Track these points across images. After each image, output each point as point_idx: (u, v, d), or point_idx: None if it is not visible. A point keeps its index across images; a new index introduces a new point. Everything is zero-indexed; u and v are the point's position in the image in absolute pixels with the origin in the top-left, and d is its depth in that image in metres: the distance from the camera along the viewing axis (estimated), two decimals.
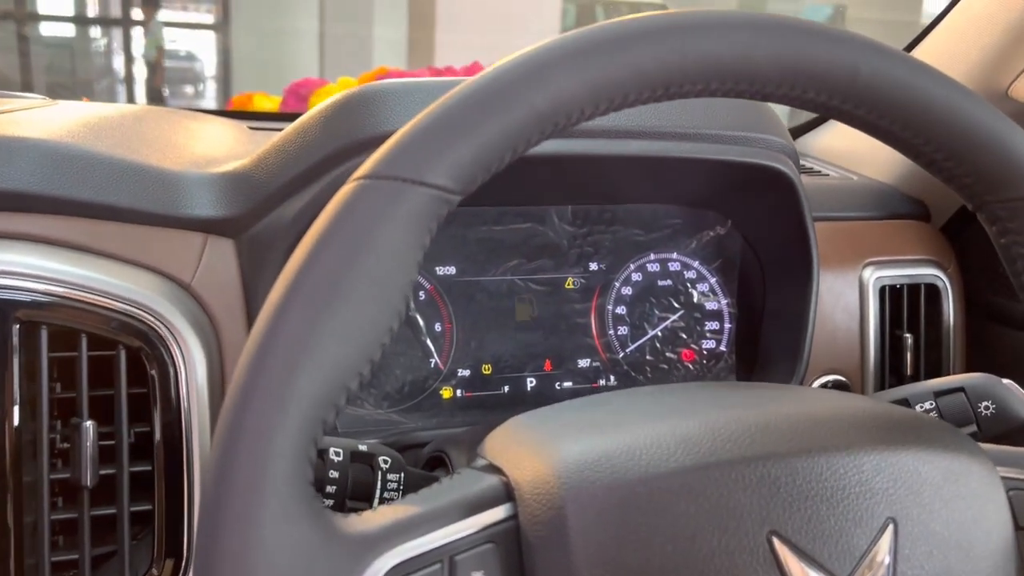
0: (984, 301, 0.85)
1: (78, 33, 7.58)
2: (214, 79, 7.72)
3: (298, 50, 7.41)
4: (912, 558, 0.38)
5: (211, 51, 7.76)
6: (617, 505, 0.36)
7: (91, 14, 7.66)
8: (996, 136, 0.41)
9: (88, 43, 7.49)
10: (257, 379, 0.33)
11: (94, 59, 7.41)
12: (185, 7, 7.85)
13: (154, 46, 7.07)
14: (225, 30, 7.56)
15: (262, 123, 0.87)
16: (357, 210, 0.35)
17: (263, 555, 0.32)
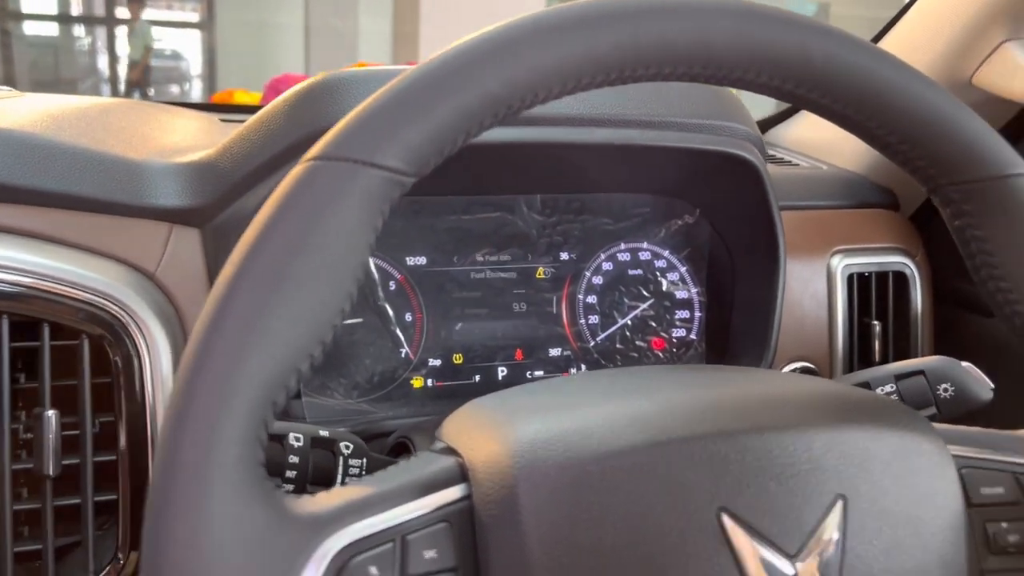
0: (951, 288, 0.86)
1: (62, 32, 7.53)
2: (200, 77, 7.70)
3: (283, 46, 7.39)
4: (861, 534, 0.38)
5: (196, 49, 7.74)
6: (569, 483, 0.36)
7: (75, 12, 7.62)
8: (949, 120, 0.42)
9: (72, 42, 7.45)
10: (205, 361, 0.33)
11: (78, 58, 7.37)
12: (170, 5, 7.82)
13: (142, 45, 6.99)
14: (210, 28, 7.53)
15: (234, 116, 0.86)
16: (307, 191, 0.35)
17: (212, 538, 0.32)
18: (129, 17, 6.92)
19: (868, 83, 0.40)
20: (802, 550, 0.37)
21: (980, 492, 0.43)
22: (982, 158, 0.42)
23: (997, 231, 0.43)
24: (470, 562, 0.36)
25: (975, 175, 0.42)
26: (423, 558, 0.36)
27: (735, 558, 0.36)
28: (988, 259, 0.44)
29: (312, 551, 0.34)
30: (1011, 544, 0.42)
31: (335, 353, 0.71)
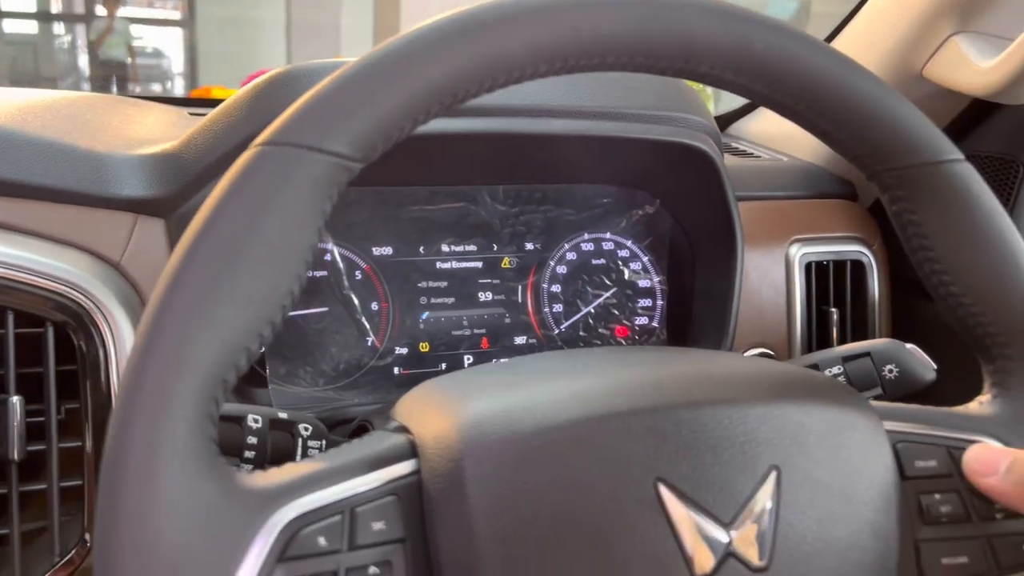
0: (907, 276, 0.88)
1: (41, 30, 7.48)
2: (181, 75, 7.66)
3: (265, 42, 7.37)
4: (794, 504, 0.39)
5: (177, 47, 7.70)
6: (513, 457, 0.37)
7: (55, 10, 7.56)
8: (884, 108, 0.43)
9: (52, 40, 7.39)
10: (156, 340, 0.34)
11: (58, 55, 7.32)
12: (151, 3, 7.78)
13: (123, 43, 6.91)
14: (191, 25, 7.50)
15: (202, 109, 0.87)
16: (255, 175, 0.36)
17: (162, 510, 0.32)
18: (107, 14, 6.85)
19: (806, 72, 0.42)
20: (736, 518, 0.38)
21: (915, 465, 0.45)
22: (916, 145, 0.44)
23: (931, 215, 0.45)
24: (418, 533, 0.37)
25: (909, 161, 0.44)
26: (371, 529, 0.37)
27: (671, 526, 0.37)
28: (923, 242, 0.45)
29: (262, 523, 0.35)
30: (943, 514, 0.44)
31: (302, 342, 0.72)
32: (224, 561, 0.34)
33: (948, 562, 0.44)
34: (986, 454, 0.44)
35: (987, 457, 0.43)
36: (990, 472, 0.43)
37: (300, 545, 0.35)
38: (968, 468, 0.44)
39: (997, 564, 0.44)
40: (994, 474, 0.43)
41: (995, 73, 0.72)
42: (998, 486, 0.43)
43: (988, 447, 0.44)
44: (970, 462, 0.44)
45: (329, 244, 0.73)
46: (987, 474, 0.43)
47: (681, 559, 0.37)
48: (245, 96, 0.64)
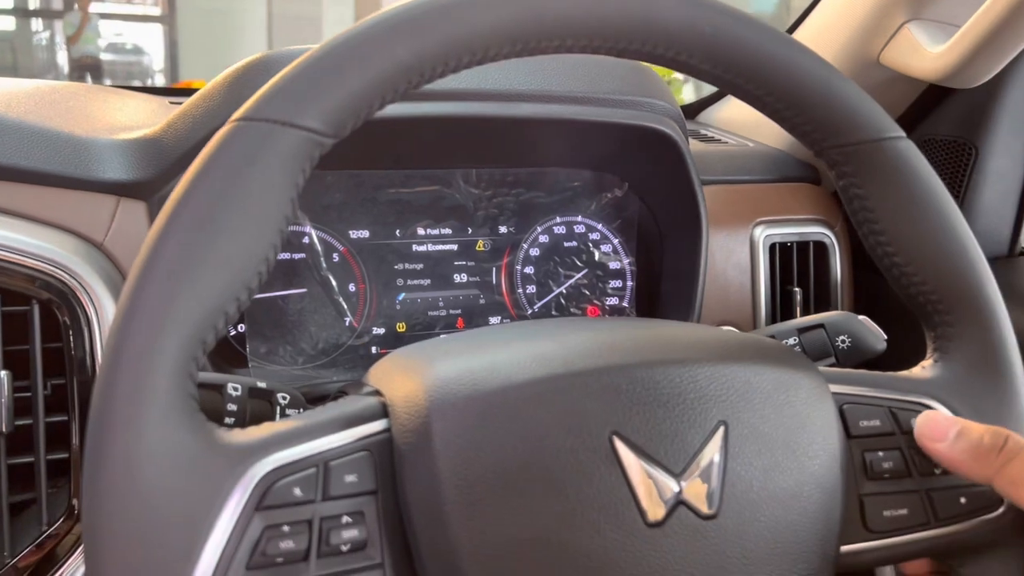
0: (868, 256, 0.91)
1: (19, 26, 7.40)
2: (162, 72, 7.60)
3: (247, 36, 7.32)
4: (741, 456, 0.42)
5: (158, 43, 7.64)
6: (476, 413, 0.39)
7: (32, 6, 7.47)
8: (830, 88, 0.46)
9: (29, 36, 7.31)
10: (138, 300, 0.36)
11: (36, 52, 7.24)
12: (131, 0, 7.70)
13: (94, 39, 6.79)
14: (172, 21, 7.44)
15: (181, 98, 0.89)
16: (230, 149, 0.38)
17: (145, 459, 0.35)
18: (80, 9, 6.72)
19: (753, 54, 0.44)
20: (686, 469, 0.41)
21: (859, 425, 0.47)
22: (859, 123, 0.46)
23: (875, 189, 0.47)
24: (388, 485, 0.40)
25: (853, 139, 0.46)
26: (344, 481, 0.39)
27: (625, 476, 0.40)
28: (868, 215, 0.48)
29: (240, 475, 0.37)
30: (885, 470, 0.47)
31: (281, 321, 0.74)
32: (205, 509, 0.36)
33: (889, 514, 0.47)
34: (936, 421, 0.46)
35: (937, 424, 0.46)
36: (939, 438, 0.46)
37: (276, 495, 0.37)
38: (919, 432, 0.46)
39: (935, 515, 0.47)
40: (943, 440, 0.45)
41: (944, 58, 0.75)
42: (946, 452, 0.45)
43: (938, 414, 0.47)
44: (921, 427, 0.46)
45: (307, 227, 0.75)
46: (936, 440, 0.46)
47: (634, 507, 0.40)
48: (223, 81, 0.66)
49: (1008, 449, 0.44)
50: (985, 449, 0.45)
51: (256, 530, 0.37)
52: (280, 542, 0.37)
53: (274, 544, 0.37)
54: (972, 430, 0.45)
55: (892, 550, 0.47)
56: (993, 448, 0.44)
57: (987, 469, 0.45)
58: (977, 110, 0.86)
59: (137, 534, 0.34)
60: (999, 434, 0.45)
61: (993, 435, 0.45)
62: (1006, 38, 0.70)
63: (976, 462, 0.45)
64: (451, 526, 0.38)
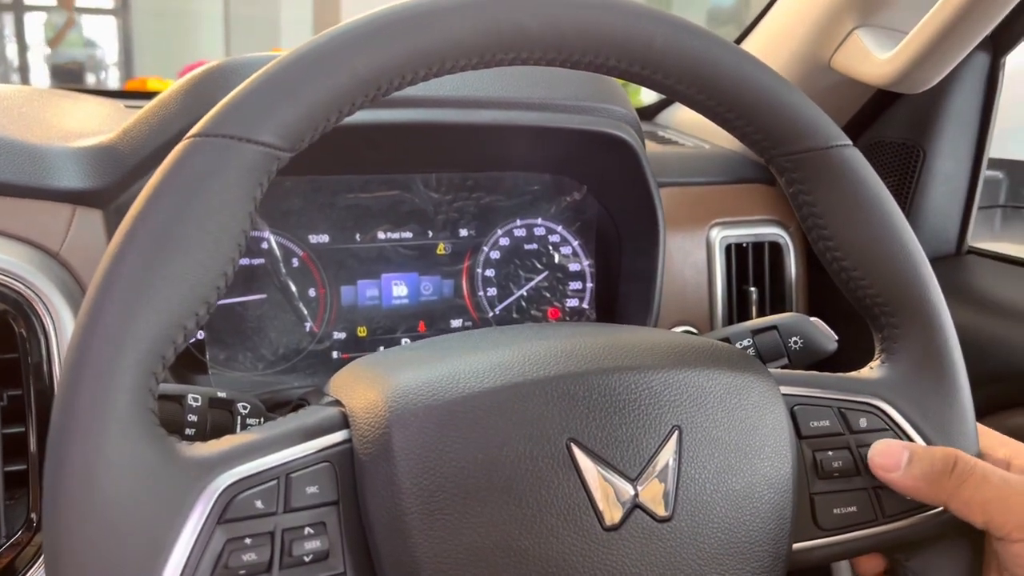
0: None
1: None
2: (116, 65, 7.47)
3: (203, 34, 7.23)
4: (695, 459, 0.43)
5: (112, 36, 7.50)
6: (436, 422, 0.40)
7: None
8: (778, 97, 0.47)
9: None
10: (97, 316, 0.36)
11: None
12: None
13: (83, 40, 6.51)
14: (125, 15, 7.31)
15: (138, 102, 0.88)
16: (188, 165, 0.38)
17: (107, 474, 0.35)
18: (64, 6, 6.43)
19: (703, 64, 0.45)
20: (642, 474, 0.42)
21: (810, 425, 0.49)
22: (807, 131, 0.47)
23: (821, 195, 0.48)
24: (350, 496, 0.40)
25: (802, 146, 0.48)
26: (305, 493, 0.39)
27: (582, 481, 0.41)
28: (817, 221, 0.49)
29: (202, 488, 0.37)
30: (835, 469, 0.48)
31: (241, 328, 0.74)
32: (167, 523, 0.36)
33: (839, 512, 0.48)
34: (888, 450, 0.47)
35: (889, 453, 0.47)
36: (893, 468, 0.47)
37: (238, 508, 0.37)
38: (873, 463, 0.48)
39: (882, 512, 0.49)
40: (897, 469, 0.47)
41: (891, 64, 0.77)
42: (901, 481, 0.47)
43: (888, 443, 0.48)
44: (874, 458, 0.48)
45: (266, 232, 0.75)
46: (891, 470, 0.47)
47: (592, 511, 0.41)
48: (180, 89, 0.66)
49: (958, 472, 0.46)
50: (937, 474, 0.46)
51: (218, 543, 0.37)
52: (243, 554, 0.37)
53: (237, 557, 0.37)
54: (923, 456, 0.47)
55: (842, 546, 0.48)
56: (944, 471, 0.46)
57: (941, 494, 0.46)
58: (924, 114, 0.89)
59: (99, 550, 0.35)
60: (948, 456, 0.46)
61: (943, 458, 0.46)
62: (950, 45, 0.72)
63: (930, 487, 0.46)
64: (412, 535, 0.39)
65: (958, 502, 0.46)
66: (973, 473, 0.46)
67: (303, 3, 6.85)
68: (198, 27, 7.15)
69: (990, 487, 0.45)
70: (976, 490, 0.45)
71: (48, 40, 6.63)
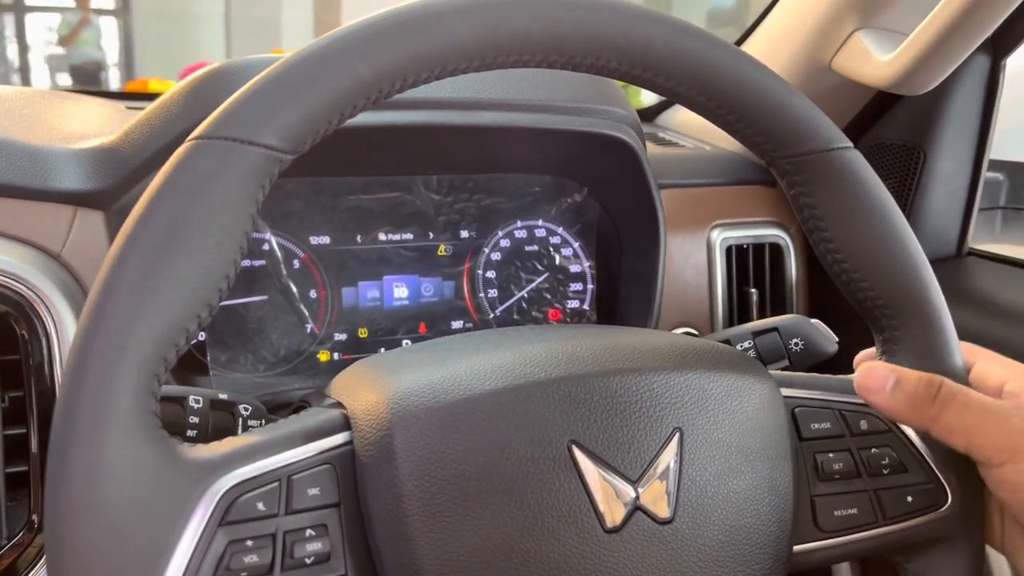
0: None
1: None
2: (117, 66, 7.47)
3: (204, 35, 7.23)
4: (696, 461, 0.43)
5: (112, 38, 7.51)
6: (437, 425, 0.40)
7: None
8: (779, 99, 0.47)
9: None
10: (100, 320, 0.36)
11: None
12: None
13: (98, 39, 6.38)
14: (126, 16, 7.32)
15: (139, 103, 0.88)
16: (190, 167, 0.38)
17: (110, 476, 0.35)
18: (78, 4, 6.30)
19: (703, 66, 0.45)
20: (643, 476, 0.42)
21: (811, 427, 0.49)
22: (808, 134, 0.47)
23: (822, 197, 0.48)
24: (351, 498, 0.40)
25: (803, 149, 0.47)
26: (307, 495, 0.39)
27: (584, 483, 0.41)
28: (818, 223, 0.49)
29: (203, 491, 0.37)
30: (836, 471, 0.48)
31: (242, 329, 0.74)
32: (169, 525, 0.36)
33: (840, 514, 0.48)
34: (875, 372, 0.47)
35: (876, 375, 0.47)
36: (877, 390, 0.47)
37: (239, 510, 0.37)
38: (859, 384, 0.48)
39: (883, 514, 0.49)
40: (881, 392, 0.47)
41: (892, 66, 0.77)
42: (884, 403, 0.47)
43: (878, 365, 0.48)
44: (860, 381, 0.48)
45: (267, 234, 0.75)
46: (874, 391, 0.47)
47: (593, 513, 0.41)
48: (181, 91, 0.66)
49: (942, 396, 0.46)
50: (920, 398, 0.46)
51: (220, 545, 0.37)
52: (244, 556, 0.37)
53: (238, 559, 0.37)
54: (908, 379, 0.47)
55: (843, 548, 0.48)
56: (928, 396, 0.46)
57: (924, 418, 0.46)
58: (924, 116, 0.89)
59: (101, 552, 0.35)
60: (933, 381, 0.46)
61: (927, 383, 0.46)
62: (951, 48, 0.72)
63: (913, 411, 0.46)
64: (413, 537, 0.39)
65: (940, 427, 0.46)
66: (955, 398, 0.45)
67: (304, 4, 6.86)
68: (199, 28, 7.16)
69: (970, 412, 0.45)
70: (957, 416, 0.45)
71: (61, 38, 6.49)
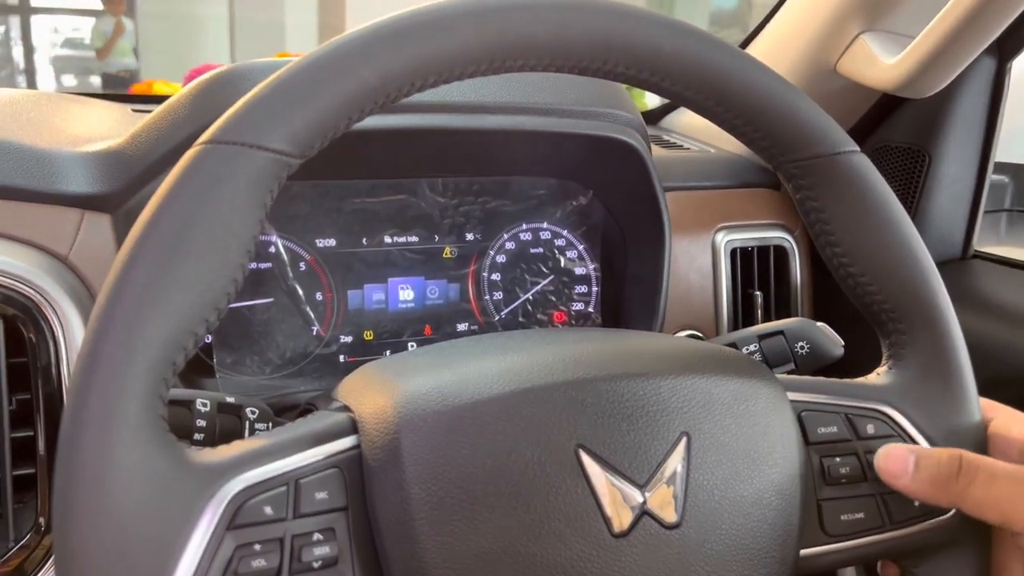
0: None
1: None
2: None
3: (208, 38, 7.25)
4: (703, 466, 0.43)
5: None
6: (445, 428, 0.40)
7: None
8: (786, 103, 0.47)
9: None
10: (108, 325, 0.36)
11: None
12: None
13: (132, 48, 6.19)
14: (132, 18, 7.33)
15: (145, 106, 0.88)
16: (198, 172, 0.38)
17: (118, 480, 0.35)
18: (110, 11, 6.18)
19: (710, 70, 0.45)
20: (650, 480, 0.42)
21: (817, 432, 0.49)
22: (815, 138, 0.47)
23: (829, 202, 0.48)
24: (359, 502, 0.40)
25: (810, 153, 0.48)
26: (315, 499, 0.39)
27: (591, 488, 0.41)
28: (824, 227, 0.49)
29: (211, 495, 0.37)
30: (842, 475, 0.48)
31: (248, 332, 0.74)
32: (176, 529, 0.36)
33: (847, 518, 0.48)
34: (894, 456, 0.47)
35: (896, 458, 0.47)
36: (901, 473, 0.47)
37: (247, 514, 0.38)
38: (881, 471, 0.48)
39: (890, 518, 0.49)
40: (904, 475, 0.47)
41: (898, 69, 0.77)
42: (910, 486, 0.47)
43: (895, 448, 0.48)
44: (881, 464, 0.48)
45: (273, 236, 0.75)
46: (899, 476, 0.47)
47: (600, 518, 0.41)
48: (188, 94, 0.66)
49: (965, 472, 0.46)
50: (943, 477, 0.46)
51: (228, 549, 0.37)
52: (252, 560, 0.37)
53: (246, 563, 0.37)
54: (928, 458, 0.47)
55: (849, 552, 0.48)
56: (951, 474, 0.46)
57: (951, 495, 0.46)
58: (930, 118, 0.89)
59: (109, 556, 0.35)
60: (953, 457, 0.46)
61: (948, 460, 0.46)
62: (957, 51, 0.72)
63: (939, 490, 0.46)
64: (420, 541, 0.39)
65: (970, 503, 0.46)
66: (979, 471, 0.45)
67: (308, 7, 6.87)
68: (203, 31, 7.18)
69: (998, 484, 0.45)
70: (985, 489, 0.45)
71: (97, 51, 6.25)
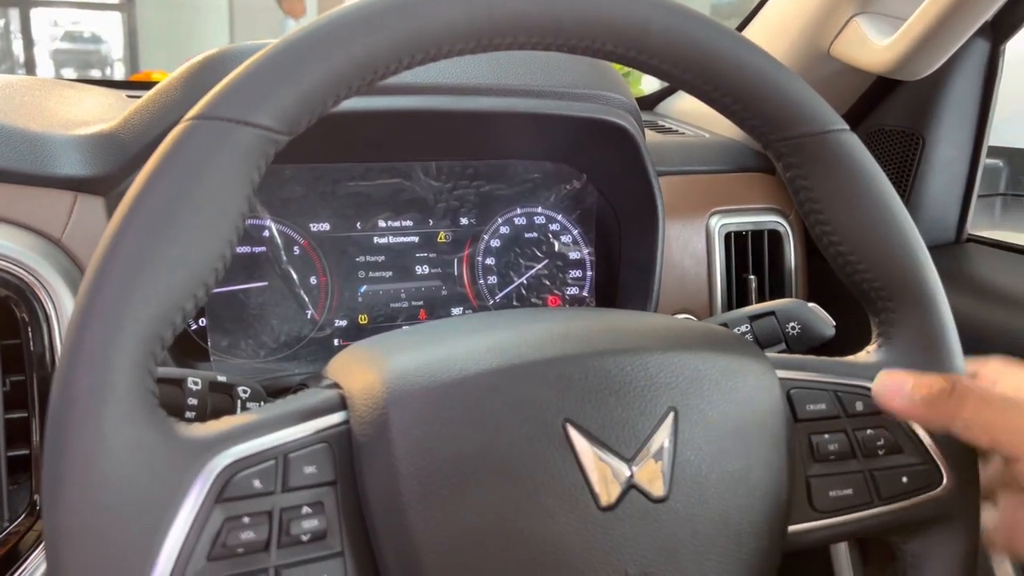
0: None
1: None
2: (121, 60, 7.48)
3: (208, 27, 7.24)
4: (690, 441, 0.43)
5: (117, 31, 7.52)
6: (433, 404, 0.40)
7: None
8: (775, 82, 0.47)
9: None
10: (96, 299, 0.36)
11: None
12: None
13: None
14: (130, 9, 7.32)
15: (139, 92, 0.88)
16: (186, 147, 0.38)
17: (106, 456, 0.35)
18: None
19: (700, 49, 0.45)
20: (637, 455, 0.42)
21: (806, 409, 0.49)
22: (805, 116, 0.47)
23: (818, 180, 0.48)
24: (347, 476, 0.40)
25: (799, 131, 0.47)
26: (303, 473, 0.39)
27: (578, 462, 0.41)
28: (814, 206, 0.49)
29: (200, 468, 0.37)
30: (831, 452, 0.48)
31: (242, 315, 0.75)
32: (165, 502, 0.36)
33: (835, 494, 0.48)
34: (891, 379, 0.47)
35: (892, 382, 0.47)
36: (897, 395, 0.47)
37: (236, 487, 0.38)
38: (877, 393, 0.48)
39: (878, 494, 0.49)
40: (899, 396, 0.47)
41: (890, 51, 0.77)
42: (905, 406, 0.47)
43: (892, 373, 0.48)
44: (877, 388, 0.48)
45: (267, 220, 0.75)
46: (893, 397, 0.47)
47: (588, 491, 0.41)
48: (180, 76, 0.66)
49: (957, 394, 0.46)
50: (937, 397, 0.46)
51: (216, 522, 0.37)
52: (240, 533, 0.37)
53: (235, 535, 0.37)
54: (924, 382, 0.47)
55: (838, 528, 0.48)
56: (943, 394, 0.46)
57: (943, 415, 0.46)
58: (923, 101, 0.88)
59: (98, 529, 0.35)
60: (948, 380, 0.46)
61: (941, 384, 0.46)
62: (949, 32, 0.72)
63: (932, 411, 0.46)
64: (409, 515, 0.39)
65: (960, 423, 0.46)
66: (972, 393, 0.46)
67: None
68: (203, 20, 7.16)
69: (991, 409, 0.45)
70: (977, 411, 0.45)
71: None
